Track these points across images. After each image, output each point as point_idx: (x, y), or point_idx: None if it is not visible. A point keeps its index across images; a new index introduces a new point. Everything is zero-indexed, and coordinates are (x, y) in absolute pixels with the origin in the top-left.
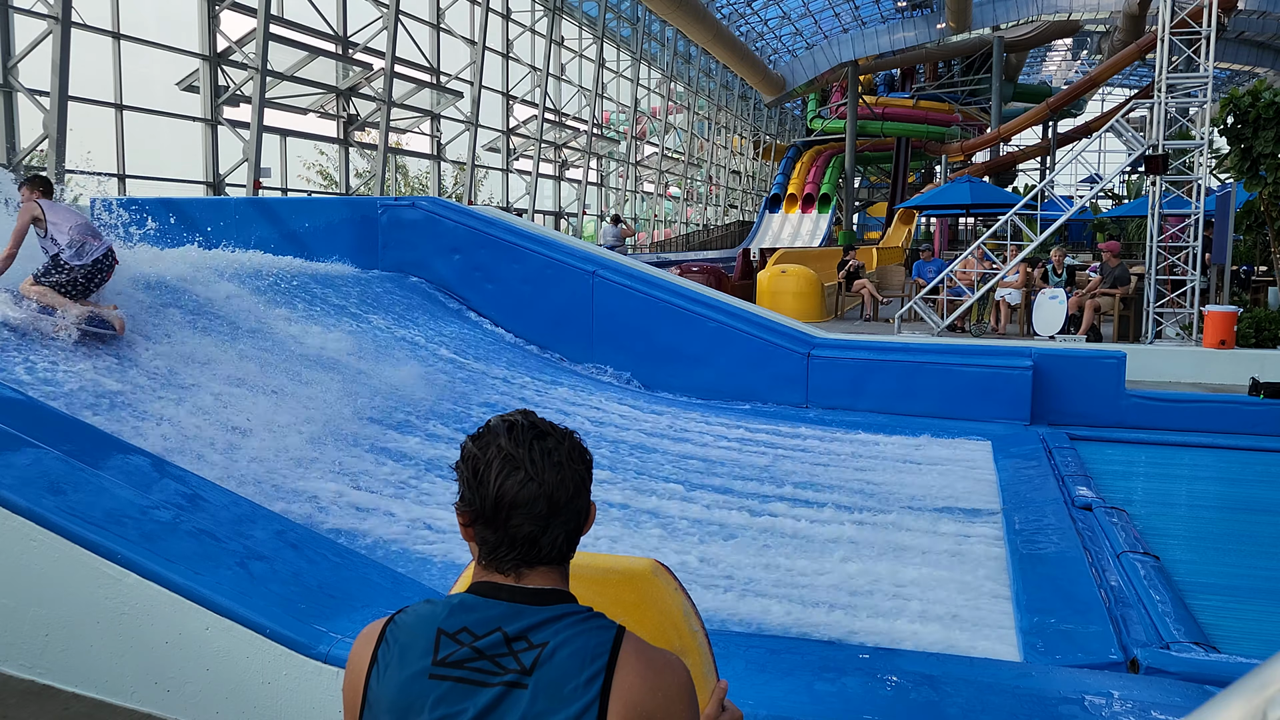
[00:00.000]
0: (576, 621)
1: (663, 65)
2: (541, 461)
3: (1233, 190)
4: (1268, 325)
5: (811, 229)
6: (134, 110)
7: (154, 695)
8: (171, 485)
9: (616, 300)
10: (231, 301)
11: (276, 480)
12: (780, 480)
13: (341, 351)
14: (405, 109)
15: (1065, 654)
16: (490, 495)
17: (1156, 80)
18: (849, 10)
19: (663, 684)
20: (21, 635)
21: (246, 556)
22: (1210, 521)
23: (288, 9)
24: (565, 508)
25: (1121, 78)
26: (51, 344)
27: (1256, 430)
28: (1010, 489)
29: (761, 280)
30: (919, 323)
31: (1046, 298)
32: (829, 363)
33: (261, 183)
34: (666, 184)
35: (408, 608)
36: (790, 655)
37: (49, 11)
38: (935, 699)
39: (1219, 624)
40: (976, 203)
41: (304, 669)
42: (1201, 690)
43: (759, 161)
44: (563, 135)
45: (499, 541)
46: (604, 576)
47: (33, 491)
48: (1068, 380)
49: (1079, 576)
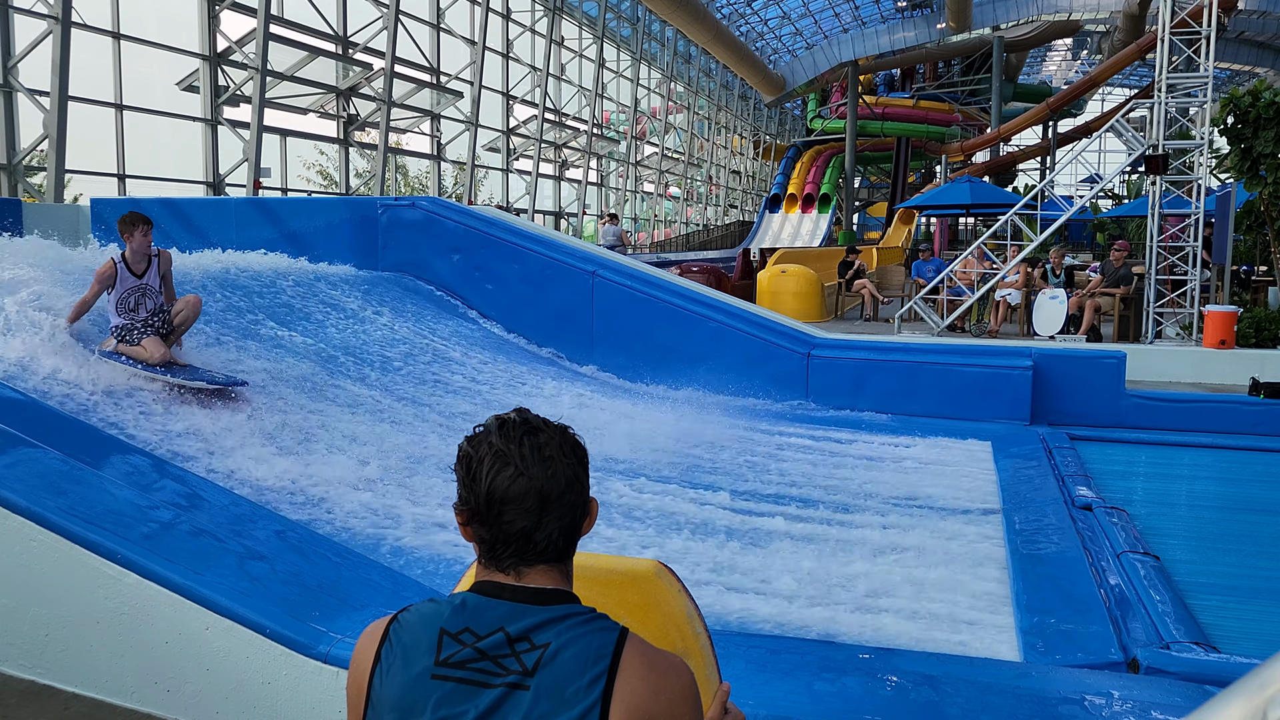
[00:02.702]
0: (579, 623)
1: (663, 65)
2: (531, 456)
3: (1233, 190)
4: (1268, 325)
5: (811, 229)
6: (134, 110)
7: (154, 695)
8: (171, 485)
9: (616, 300)
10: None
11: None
12: (780, 480)
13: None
14: (405, 109)
15: (1065, 654)
16: (482, 492)
17: (1156, 80)
18: (849, 10)
19: (665, 687)
20: (21, 635)
21: (246, 556)
22: (1210, 521)
23: (288, 9)
24: (557, 502)
25: (1121, 78)
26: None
27: (1256, 430)
28: (1010, 489)
29: (761, 280)
30: (919, 323)
31: (1046, 298)
32: (829, 363)
33: (261, 183)
34: (666, 184)
35: (411, 606)
36: (790, 655)
37: (49, 11)
38: (935, 699)
39: (1219, 624)
40: (976, 203)
41: (304, 669)
42: (1201, 690)
43: (759, 161)
44: (563, 135)
45: (494, 539)
46: (607, 577)
47: (33, 491)
48: (1068, 380)
49: (1079, 576)
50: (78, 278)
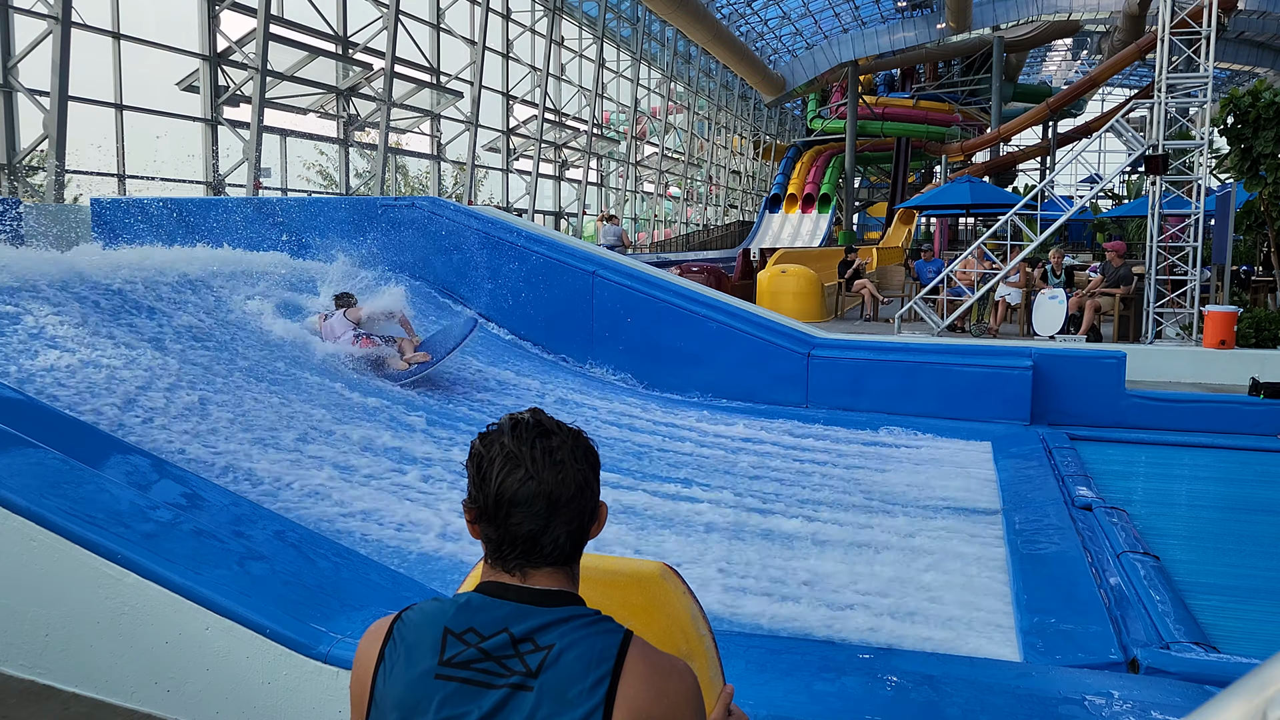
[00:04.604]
0: (583, 625)
1: (663, 65)
2: (542, 460)
3: (1233, 190)
4: (1268, 325)
5: (811, 229)
6: (134, 110)
7: (154, 695)
8: (171, 485)
9: (616, 300)
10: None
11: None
12: (780, 480)
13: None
14: (405, 109)
15: (1065, 654)
16: (491, 493)
17: (1156, 80)
18: (849, 10)
19: (669, 690)
20: (21, 635)
21: (246, 556)
22: (1210, 521)
23: (288, 9)
24: (565, 507)
25: (1121, 78)
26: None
27: (1256, 430)
28: (1010, 489)
29: (761, 280)
30: (919, 323)
31: (1046, 298)
32: (829, 363)
33: (261, 183)
34: (666, 184)
35: (415, 605)
36: (790, 655)
37: (49, 11)
38: (935, 699)
39: (1219, 624)
40: (976, 203)
41: (304, 669)
42: (1201, 690)
43: (759, 161)
44: (563, 135)
45: (501, 539)
46: (612, 579)
47: (33, 491)
48: (1068, 380)
49: (1079, 576)
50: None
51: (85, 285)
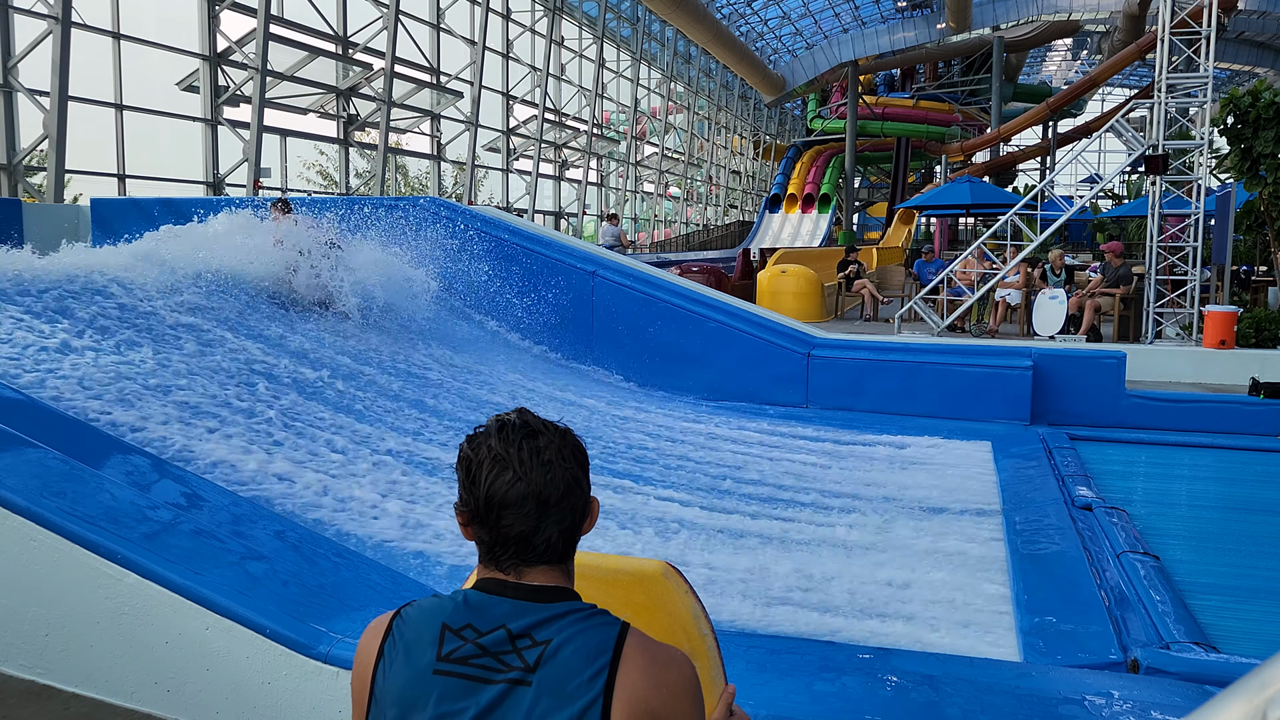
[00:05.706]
0: (580, 619)
1: (663, 65)
2: (530, 461)
3: (1233, 190)
4: (1268, 325)
5: (811, 229)
6: (134, 110)
7: (154, 695)
8: (171, 485)
9: (616, 300)
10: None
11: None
12: (779, 481)
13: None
14: (405, 109)
15: (1065, 654)
16: (481, 495)
17: (1156, 80)
18: (849, 10)
19: (667, 680)
20: (21, 635)
21: (246, 556)
22: (1210, 521)
23: (288, 9)
24: (556, 506)
25: (1121, 78)
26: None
27: (1256, 430)
28: (1010, 489)
29: (761, 280)
30: (919, 323)
31: (1046, 298)
32: (829, 363)
33: (261, 183)
34: (666, 184)
35: (414, 602)
36: (790, 655)
37: (49, 11)
38: (935, 699)
39: (1219, 624)
40: (976, 203)
41: (304, 669)
42: (1201, 690)
43: (759, 161)
44: (563, 135)
45: (494, 541)
46: (614, 578)
47: (33, 491)
48: (1068, 380)
49: (1079, 576)
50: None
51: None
